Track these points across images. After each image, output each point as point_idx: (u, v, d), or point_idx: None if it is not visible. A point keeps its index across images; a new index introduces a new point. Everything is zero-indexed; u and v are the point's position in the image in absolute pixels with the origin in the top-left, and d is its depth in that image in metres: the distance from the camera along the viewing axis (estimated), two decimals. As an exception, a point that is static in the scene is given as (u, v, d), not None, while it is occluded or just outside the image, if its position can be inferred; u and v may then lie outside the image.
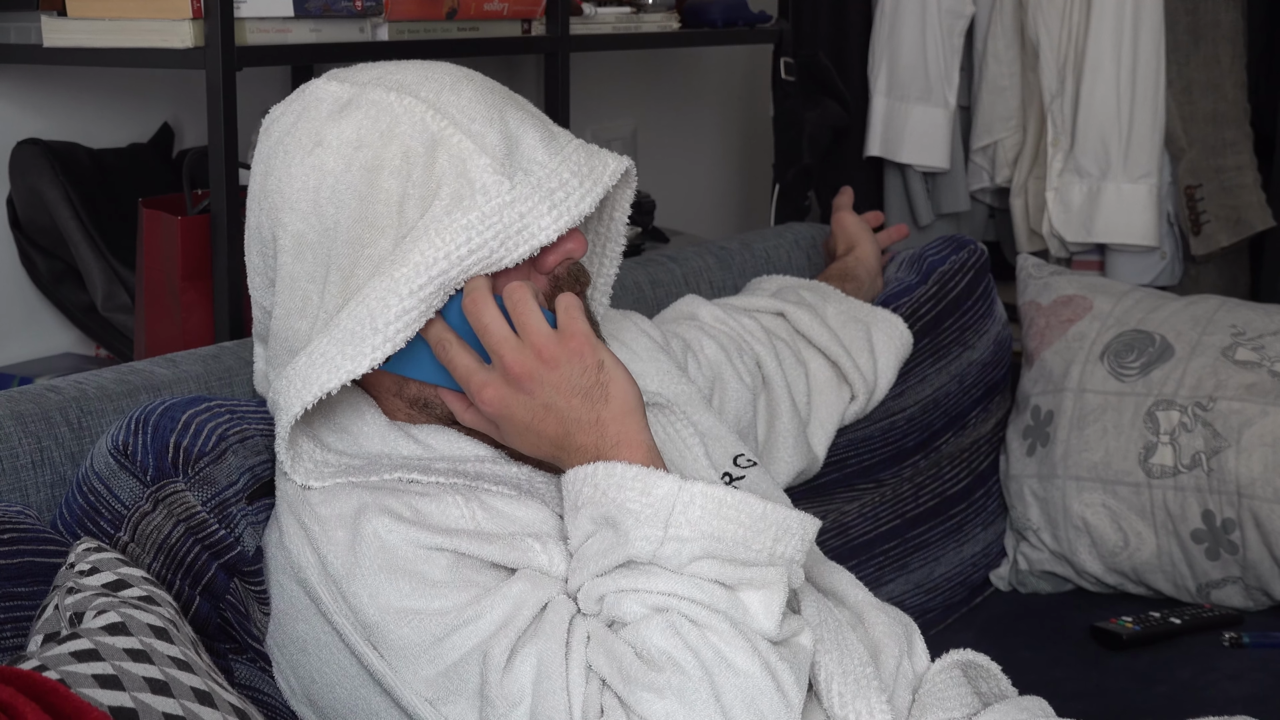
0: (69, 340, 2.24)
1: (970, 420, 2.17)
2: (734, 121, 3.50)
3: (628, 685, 1.19)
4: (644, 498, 1.23)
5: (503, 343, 1.28)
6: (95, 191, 2.10)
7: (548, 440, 1.29)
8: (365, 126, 1.31)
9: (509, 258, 1.29)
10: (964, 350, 2.15)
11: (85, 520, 1.36)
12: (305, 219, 1.31)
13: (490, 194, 1.30)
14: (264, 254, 1.37)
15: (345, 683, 1.29)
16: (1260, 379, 2.05)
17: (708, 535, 1.22)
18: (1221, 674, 1.92)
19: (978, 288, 2.18)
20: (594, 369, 1.28)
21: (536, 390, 1.27)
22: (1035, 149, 2.90)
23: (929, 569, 2.09)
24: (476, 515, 1.30)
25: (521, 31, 2.34)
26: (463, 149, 1.31)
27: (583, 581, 1.26)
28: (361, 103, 1.33)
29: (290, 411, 1.30)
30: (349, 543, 1.28)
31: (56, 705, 0.97)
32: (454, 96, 1.33)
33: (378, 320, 1.27)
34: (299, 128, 1.34)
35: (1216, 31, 2.84)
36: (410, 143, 1.30)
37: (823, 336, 1.88)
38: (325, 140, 1.32)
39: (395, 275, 1.28)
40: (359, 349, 1.28)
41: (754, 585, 1.24)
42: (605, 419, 1.27)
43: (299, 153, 1.32)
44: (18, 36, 2.03)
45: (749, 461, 1.54)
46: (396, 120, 1.31)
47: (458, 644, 1.23)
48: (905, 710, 1.39)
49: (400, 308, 1.27)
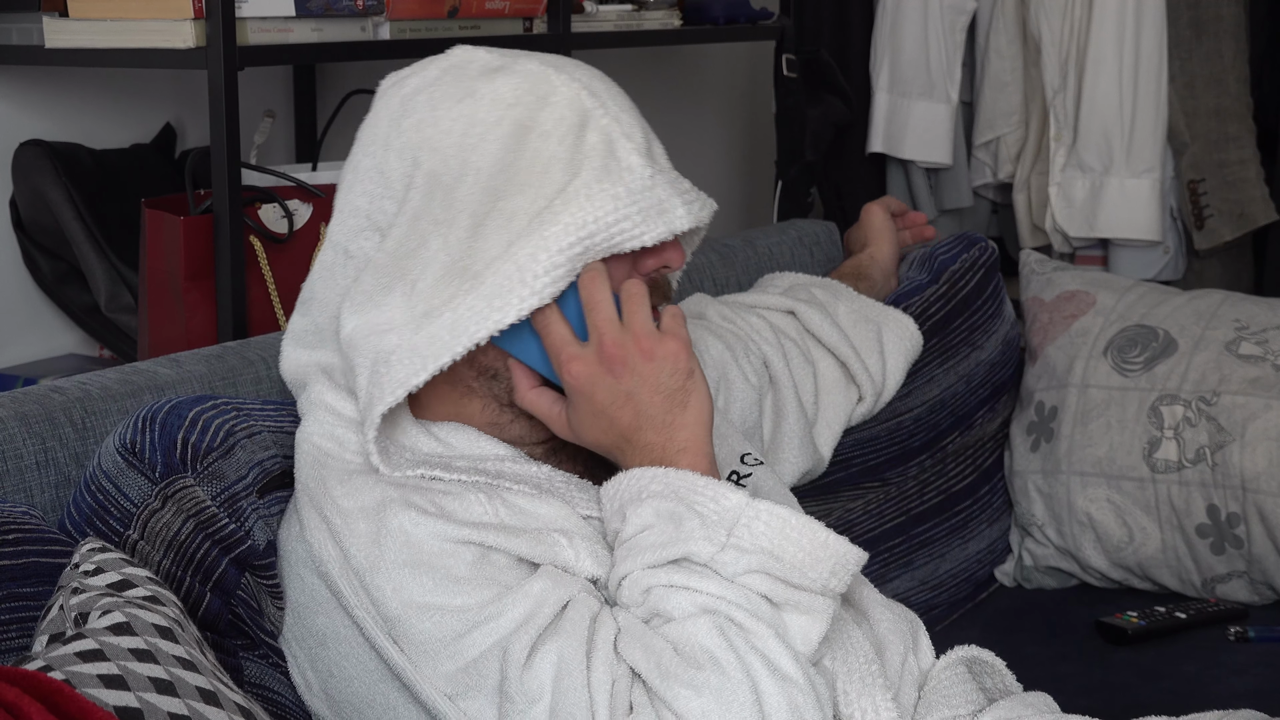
0: (72, 341, 2.24)
1: (977, 420, 2.17)
2: (736, 118, 3.50)
3: (665, 680, 1.19)
4: (713, 504, 1.25)
5: (608, 322, 1.31)
6: (98, 192, 2.10)
7: (617, 430, 1.31)
8: (522, 88, 1.35)
9: (648, 235, 1.33)
10: (973, 350, 2.15)
11: (94, 519, 1.36)
12: (446, 161, 1.33)
13: (636, 173, 1.34)
14: (376, 194, 1.37)
15: (364, 677, 1.30)
16: (1264, 373, 2.05)
17: (767, 552, 1.24)
18: (1227, 669, 1.92)
19: (988, 286, 2.17)
20: (684, 374, 1.31)
21: (625, 377, 1.30)
22: (1038, 144, 2.90)
23: (934, 566, 2.09)
24: (500, 512, 1.30)
25: (523, 30, 2.34)
26: (612, 130, 1.35)
27: (631, 570, 1.26)
28: (516, 69, 1.36)
29: (438, 360, 1.30)
30: (372, 536, 1.28)
31: (62, 705, 0.98)
32: (603, 85, 1.39)
33: (526, 274, 1.29)
34: (445, 81, 1.37)
35: (1219, 26, 2.84)
36: (564, 111, 1.34)
37: (832, 336, 1.88)
38: (478, 93, 1.35)
39: (545, 234, 1.30)
40: (506, 300, 1.29)
41: (800, 610, 1.26)
42: (678, 424, 1.30)
43: (447, 101, 1.35)
44: (19, 37, 2.03)
45: (756, 460, 1.55)
46: (553, 89, 1.35)
47: (478, 640, 1.24)
48: (911, 707, 1.39)
49: (550, 263, 1.30)
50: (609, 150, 1.34)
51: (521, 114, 1.33)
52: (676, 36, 2.79)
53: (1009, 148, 2.94)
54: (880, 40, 2.96)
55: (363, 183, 1.38)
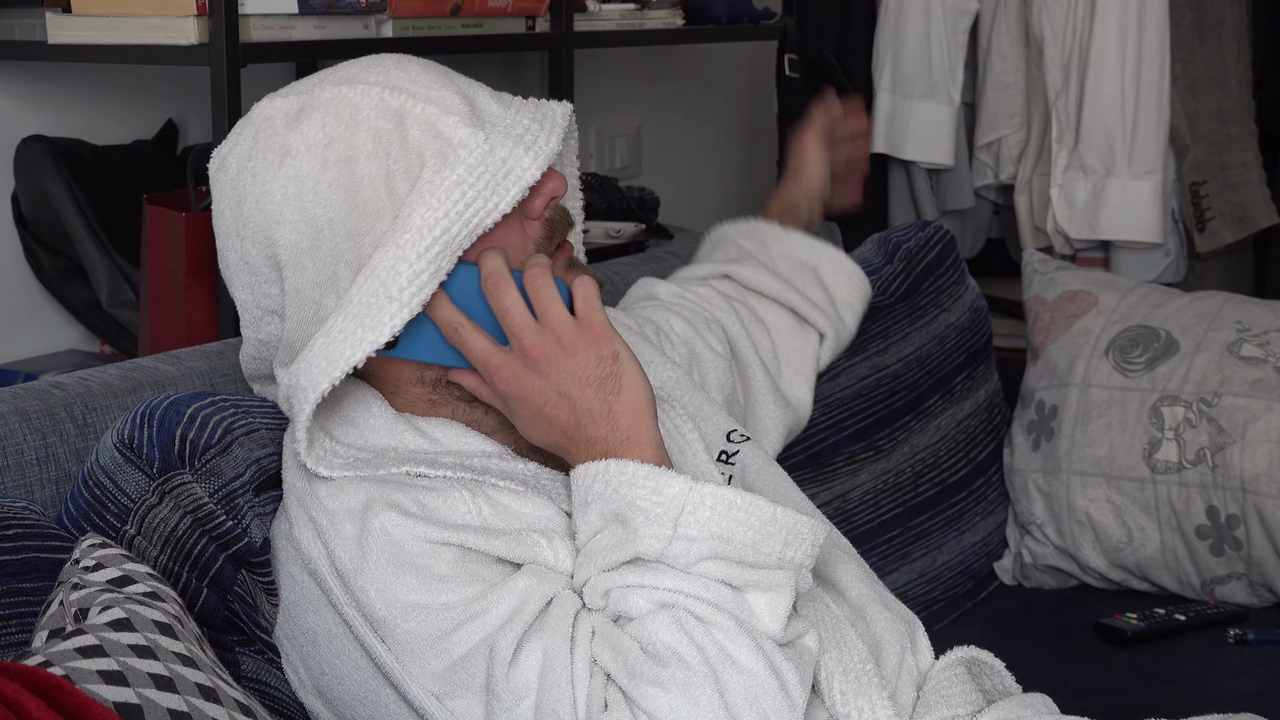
0: (73, 337, 2.24)
1: (956, 386, 2.19)
2: (738, 118, 3.50)
3: (632, 680, 1.20)
4: (655, 496, 1.23)
5: (523, 326, 1.29)
6: (100, 188, 2.10)
7: (559, 429, 1.30)
8: (328, 123, 1.31)
9: (502, 203, 1.30)
10: (940, 312, 2.19)
11: (91, 514, 1.36)
12: (296, 228, 1.31)
13: (469, 146, 1.31)
14: (254, 285, 1.36)
15: (355, 674, 1.30)
16: (1265, 375, 2.05)
17: (716, 536, 1.23)
18: (1226, 671, 1.92)
19: (945, 260, 2.22)
20: (609, 359, 1.29)
21: (552, 375, 1.28)
22: (1040, 145, 2.90)
23: (931, 557, 2.09)
24: (483, 510, 1.30)
25: (526, 28, 2.34)
26: (429, 115, 1.31)
27: (589, 576, 1.26)
28: (315, 104, 1.33)
29: (317, 389, 1.29)
30: (357, 537, 1.28)
31: (61, 701, 0.98)
32: (401, 74, 1.35)
33: (390, 288, 1.28)
34: (259, 149, 1.33)
35: (1221, 28, 2.84)
36: (378, 124, 1.31)
37: (773, 286, 1.86)
38: (292, 149, 1.31)
39: (400, 243, 1.28)
40: (377, 319, 1.28)
41: (761, 588, 1.25)
42: (617, 412, 1.28)
43: (268, 170, 1.32)
44: (22, 33, 2.03)
45: (742, 436, 1.55)
46: (356, 108, 1.31)
47: (464, 638, 1.24)
48: (909, 707, 1.39)
49: (410, 272, 1.28)
50: (436, 135, 1.31)
51: (340, 149, 1.30)
52: (679, 36, 2.79)
53: (1011, 149, 2.94)
54: (882, 41, 2.96)
55: (238, 277, 1.38)
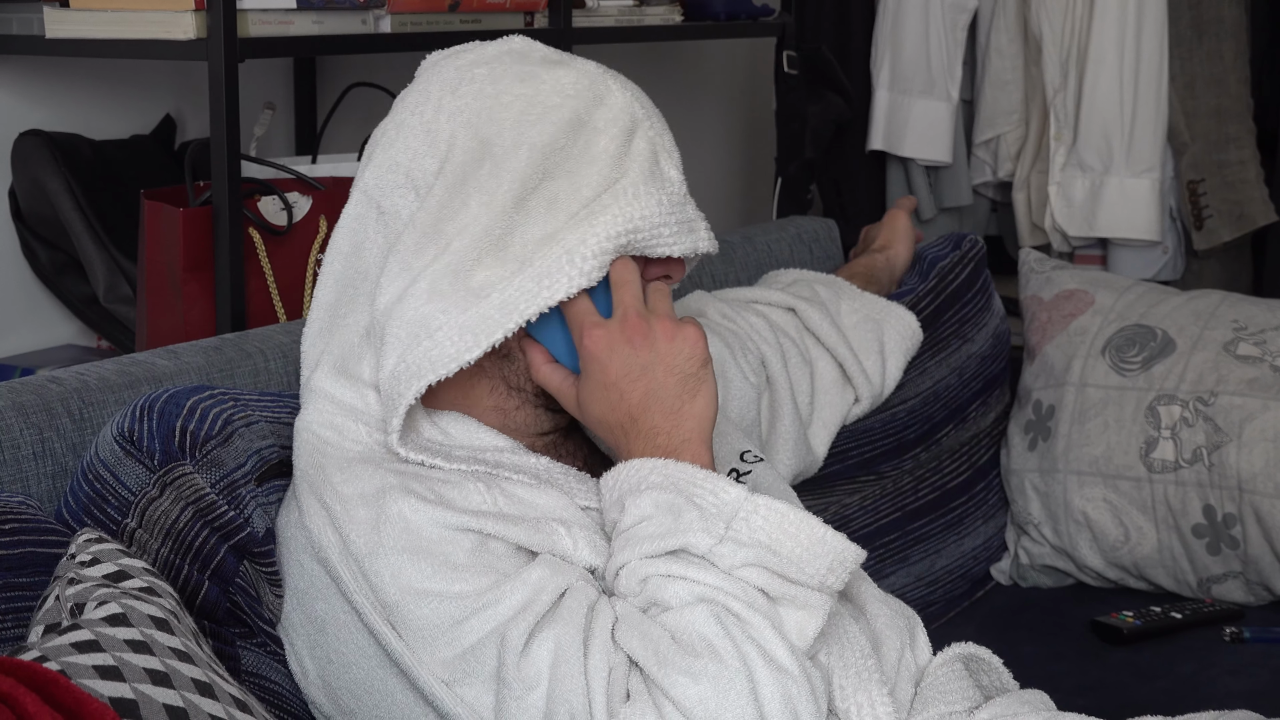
0: (70, 331, 2.24)
1: (970, 413, 2.17)
2: (736, 115, 3.50)
3: (662, 668, 1.20)
4: (713, 497, 1.26)
5: (635, 298, 1.34)
6: (97, 183, 2.10)
7: (625, 407, 1.31)
8: (581, 84, 1.39)
9: (677, 246, 1.38)
10: (963, 344, 2.15)
11: (91, 508, 1.36)
12: (502, 131, 1.36)
13: (675, 186, 1.40)
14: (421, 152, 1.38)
15: (363, 663, 1.30)
16: (1262, 374, 2.05)
17: (764, 545, 1.24)
18: (1222, 669, 1.92)
19: (976, 281, 2.19)
20: (700, 362, 1.33)
21: (643, 350, 1.32)
22: (1038, 143, 2.90)
23: (929, 561, 2.09)
24: (499, 501, 1.31)
25: (524, 24, 2.33)
26: (656, 142, 1.41)
27: (628, 560, 1.27)
28: (575, 66, 1.42)
29: (490, 337, 1.31)
30: (372, 522, 1.28)
31: (57, 696, 0.98)
32: (648, 103, 1.44)
33: (575, 257, 1.33)
34: (506, 61, 1.41)
35: (1220, 26, 2.84)
36: (618, 114, 1.39)
37: (831, 336, 1.89)
38: (540, 78, 1.39)
39: (595, 222, 1.34)
40: (555, 281, 1.32)
41: (796, 604, 1.26)
42: (686, 413, 1.31)
43: (508, 78, 1.39)
44: (20, 27, 2.03)
45: (755, 457, 1.55)
46: (609, 91, 1.40)
47: (476, 627, 1.24)
48: (907, 703, 1.39)
49: (598, 248, 1.33)
50: (653, 159, 1.39)
51: (580, 106, 1.38)
52: (677, 32, 2.78)
53: (1009, 146, 2.94)
54: (881, 38, 2.96)
55: (406, 138, 1.39)
